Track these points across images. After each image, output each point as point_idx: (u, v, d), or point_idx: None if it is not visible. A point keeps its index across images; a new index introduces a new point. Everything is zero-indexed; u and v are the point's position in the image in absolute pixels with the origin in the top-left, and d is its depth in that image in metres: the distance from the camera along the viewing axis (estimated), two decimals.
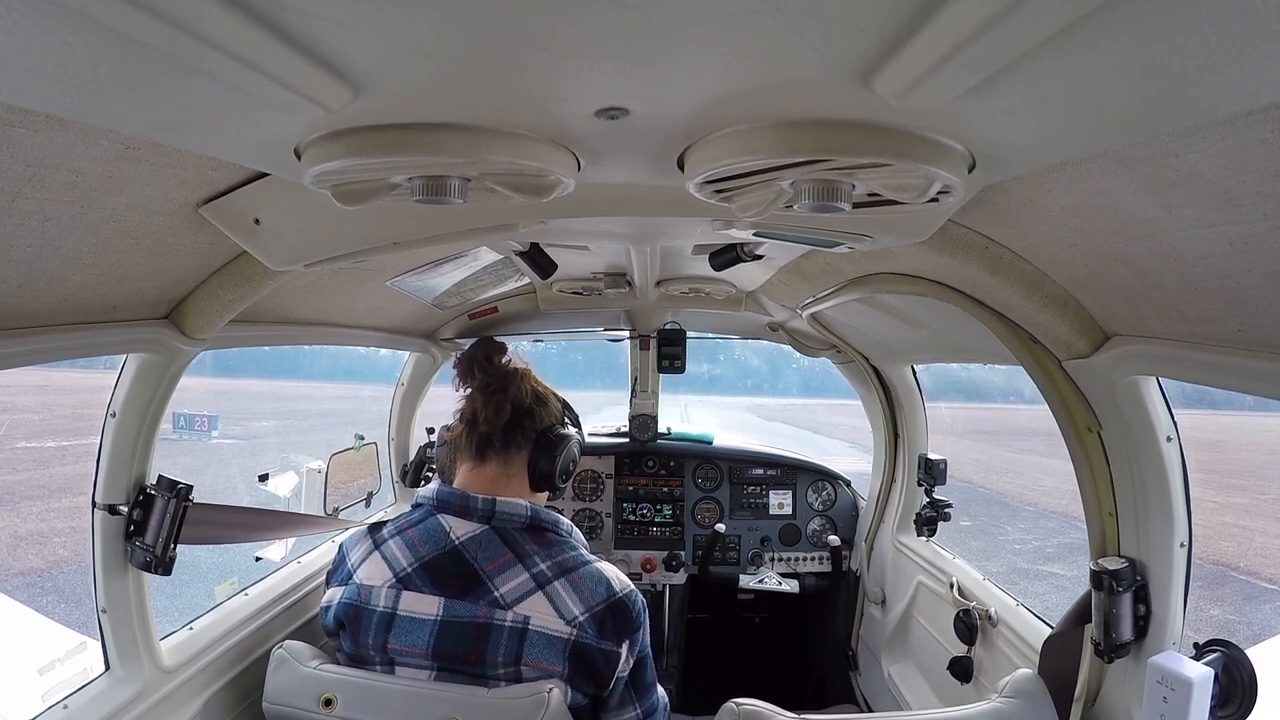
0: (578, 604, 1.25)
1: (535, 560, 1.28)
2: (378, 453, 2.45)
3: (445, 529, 1.32)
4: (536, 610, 1.23)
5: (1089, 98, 0.52)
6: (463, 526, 1.32)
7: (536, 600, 1.24)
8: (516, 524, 1.33)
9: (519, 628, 1.22)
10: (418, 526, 1.34)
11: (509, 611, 1.23)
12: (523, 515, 1.34)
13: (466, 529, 1.31)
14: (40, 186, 0.73)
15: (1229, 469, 16.73)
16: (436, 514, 1.34)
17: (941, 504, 2.24)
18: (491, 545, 1.30)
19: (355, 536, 1.42)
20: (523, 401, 1.44)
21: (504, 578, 1.26)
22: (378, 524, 1.41)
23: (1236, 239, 0.72)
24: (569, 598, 1.26)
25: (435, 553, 1.30)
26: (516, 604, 1.23)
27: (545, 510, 1.38)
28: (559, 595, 1.25)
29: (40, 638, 4.14)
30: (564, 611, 1.24)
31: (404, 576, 1.28)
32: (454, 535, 1.31)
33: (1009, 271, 1.08)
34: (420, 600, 1.26)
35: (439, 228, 1.03)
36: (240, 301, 1.16)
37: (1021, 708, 1.23)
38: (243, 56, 0.46)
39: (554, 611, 1.24)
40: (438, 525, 1.33)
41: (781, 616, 3.15)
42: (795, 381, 59.40)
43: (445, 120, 0.62)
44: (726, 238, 1.32)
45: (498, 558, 1.28)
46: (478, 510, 1.32)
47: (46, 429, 16.70)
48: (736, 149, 0.64)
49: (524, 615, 1.23)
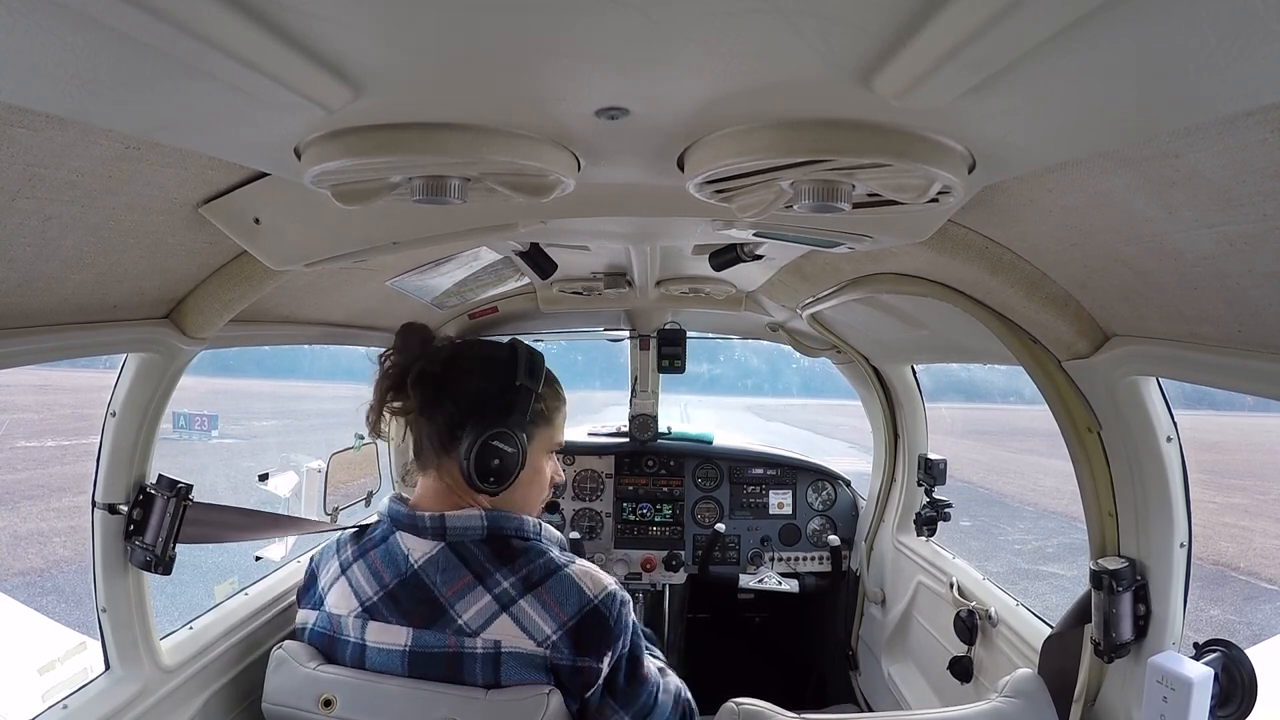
0: (548, 622, 1.16)
1: (497, 579, 1.18)
2: (378, 452, 2.45)
3: (404, 551, 1.23)
4: (505, 633, 1.15)
5: (1089, 98, 0.52)
6: (419, 547, 1.22)
7: (503, 623, 1.15)
8: (473, 537, 1.22)
9: (491, 653, 1.15)
10: (379, 548, 1.26)
11: (478, 639, 1.15)
12: (477, 528, 1.22)
13: (423, 549, 1.22)
14: (40, 186, 0.73)
15: (1229, 469, 16.72)
16: (395, 532, 1.25)
17: (941, 504, 2.25)
18: (450, 567, 1.20)
19: (325, 552, 1.36)
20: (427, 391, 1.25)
21: (465, 603, 1.17)
22: (349, 537, 1.33)
23: (1236, 239, 0.72)
24: (537, 616, 1.16)
25: (396, 579, 1.21)
26: (483, 630, 1.16)
27: (506, 516, 1.24)
28: (525, 615, 1.16)
29: (40, 637, 4.15)
30: (534, 632, 1.15)
31: (369, 606, 1.22)
32: (413, 558, 1.22)
33: (1009, 272, 1.08)
34: (387, 630, 1.20)
35: (439, 228, 1.03)
36: (240, 301, 1.16)
37: (1021, 708, 1.23)
38: (243, 56, 0.46)
39: (523, 633, 1.15)
40: (397, 547, 1.24)
41: (781, 616, 3.15)
42: (795, 381, 59.43)
43: (445, 120, 0.62)
44: (726, 238, 1.32)
45: (456, 580, 1.19)
46: (427, 529, 1.22)
47: (46, 428, 16.70)
48: (736, 149, 0.64)
49: (494, 640, 1.15)
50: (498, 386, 1.27)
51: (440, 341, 1.33)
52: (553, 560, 1.22)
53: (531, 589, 1.18)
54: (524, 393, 1.27)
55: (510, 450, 1.23)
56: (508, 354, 1.29)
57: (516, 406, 1.26)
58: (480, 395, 1.26)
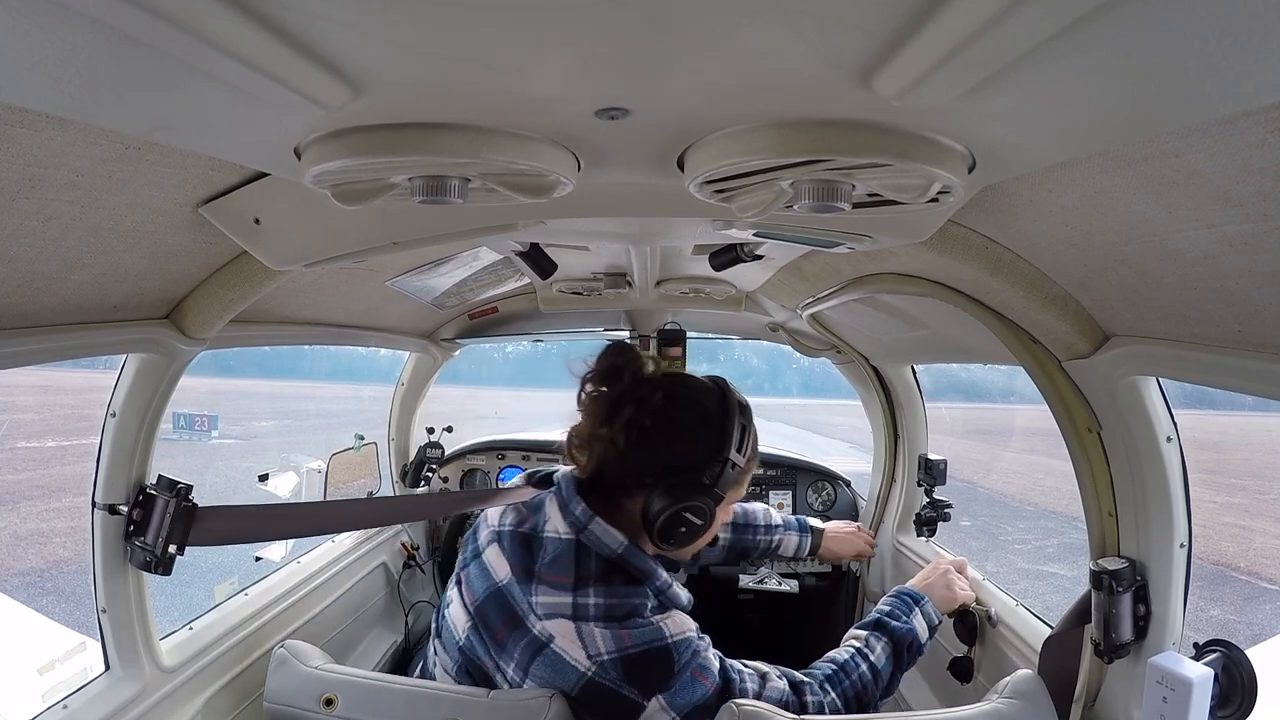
0: (610, 644, 1.13)
1: (589, 593, 1.17)
2: (378, 453, 2.45)
3: (545, 518, 1.25)
4: (561, 633, 1.15)
5: (1089, 98, 0.52)
6: (557, 523, 1.23)
7: (563, 625, 1.15)
8: (603, 553, 1.20)
9: (540, 640, 1.15)
10: (532, 503, 1.30)
11: (540, 621, 1.16)
12: (611, 549, 1.20)
13: (559, 527, 1.22)
14: (40, 186, 0.73)
15: (1229, 469, 16.72)
16: (549, 497, 1.27)
17: (941, 504, 2.24)
18: (562, 559, 1.20)
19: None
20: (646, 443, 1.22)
21: (547, 589, 1.18)
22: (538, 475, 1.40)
23: (1236, 239, 0.72)
24: (600, 639, 1.14)
25: (524, 530, 1.26)
26: (547, 619, 1.16)
27: (646, 561, 1.21)
28: (590, 634, 1.14)
29: (40, 638, 4.14)
30: (589, 647, 1.13)
31: (499, 530, 1.29)
32: (546, 528, 1.23)
33: (1009, 272, 1.08)
34: (497, 557, 1.26)
35: (439, 228, 1.03)
36: (240, 301, 1.16)
37: (1021, 708, 1.23)
38: (243, 56, 0.46)
39: (579, 642, 1.14)
40: (543, 512, 1.26)
41: (781, 617, 3.15)
42: (795, 381, 59.42)
43: (445, 120, 0.62)
44: (726, 238, 1.32)
45: (558, 573, 1.19)
46: (574, 515, 1.22)
47: (46, 429, 16.69)
48: (736, 149, 0.64)
49: (549, 633, 1.15)
50: (706, 457, 1.23)
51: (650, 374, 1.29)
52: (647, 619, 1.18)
53: (611, 621, 1.16)
54: (730, 466, 1.23)
55: (699, 523, 1.22)
56: (723, 421, 1.25)
57: (720, 481, 1.22)
58: (686, 463, 1.23)
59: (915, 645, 1.39)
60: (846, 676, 1.29)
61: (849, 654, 1.34)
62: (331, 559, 1.98)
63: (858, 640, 1.37)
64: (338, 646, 1.87)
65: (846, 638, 1.40)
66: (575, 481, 1.28)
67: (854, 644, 1.36)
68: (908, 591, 1.51)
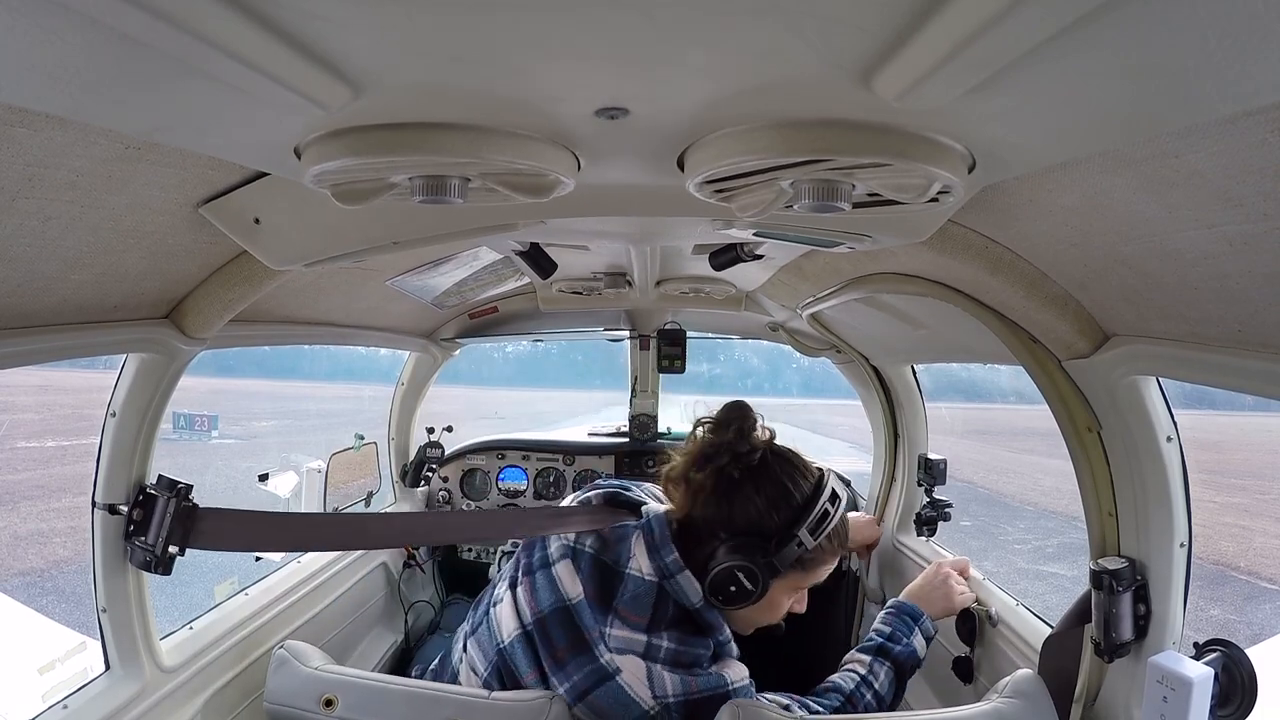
0: (677, 688, 1.16)
1: (662, 638, 1.20)
2: (378, 453, 2.45)
3: (630, 554, 1.25)
4: (629, 668, 1.17)
5: (1089, 98, 0.52)
6: (643, 564, 1.24)
7: (634, 661, 1.17)
8: (681, 600, 1.23)
9: (608, 671, 1.16)
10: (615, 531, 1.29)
11: (610, 654, 1.17)
12: (690, 602, 1.23)
13: (643, 568, 1.23)
14: (40, 186, 0.73)
15: (1229, 469, 16.72)
16: (635, 533, 1.27)
17: (942, 504, 2.24)
18: (642, 599, 1.21)
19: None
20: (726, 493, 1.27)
21: (622, 625, 1.20)
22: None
23: (1236, 239, 0.72)
24: (669, 683, 1.16)
25: (604, 559, 1.26)
26: (618, 653, 1.18)
27: (714, 615, 1.25)
28: (659, 676, 1.17)
29: (40, 637, 4.14)
30: (656, 688, 1.16)
31: (575, 548, 1.28)
32: (631, 567, 1.24)
33: (1009, 271, 1.08)
34: (569, 574, 1.24)
35: (439, 228, 1.03)
36: (240, 301, 1.16)
37: (1021, 708, 1.23)
38: (242, 56, 0.46)
39: (646, 682, 1.16)
40: (627, 545, 1.26)
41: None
42: (795, 381, 59.41)
43: (445, 120, 0.62)
44: (726, 238, 1.32)
45: (636, 612, 1.21)
46: (663, 561, 1.23)
47: (46, 429, 16.69)
48: (736, 149, 0.64)
49: (618, 666, 1.16)
50: (776, 522, 1.25)
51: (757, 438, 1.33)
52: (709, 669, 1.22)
53: (679, 668, 1.19)
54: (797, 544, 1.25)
55: (749, 588, 1.22)
56: (808, 499, 1.27)
57: (780, 551, 1.24)
58: (754, 522, 1.25)
59: (916, 664, 1.44)
60: (854, 708, 1.34)
61: (854, 683, 1.37)
62: (331, 559, 1.97)
63: (861, 666, 1.40)
64: (338, 646, 1.87)
65: (849, 660, 1.42)
66: (667, 524, 1.28)
67: (858, 670, 1.39)
68: (907, 608, 1.52)
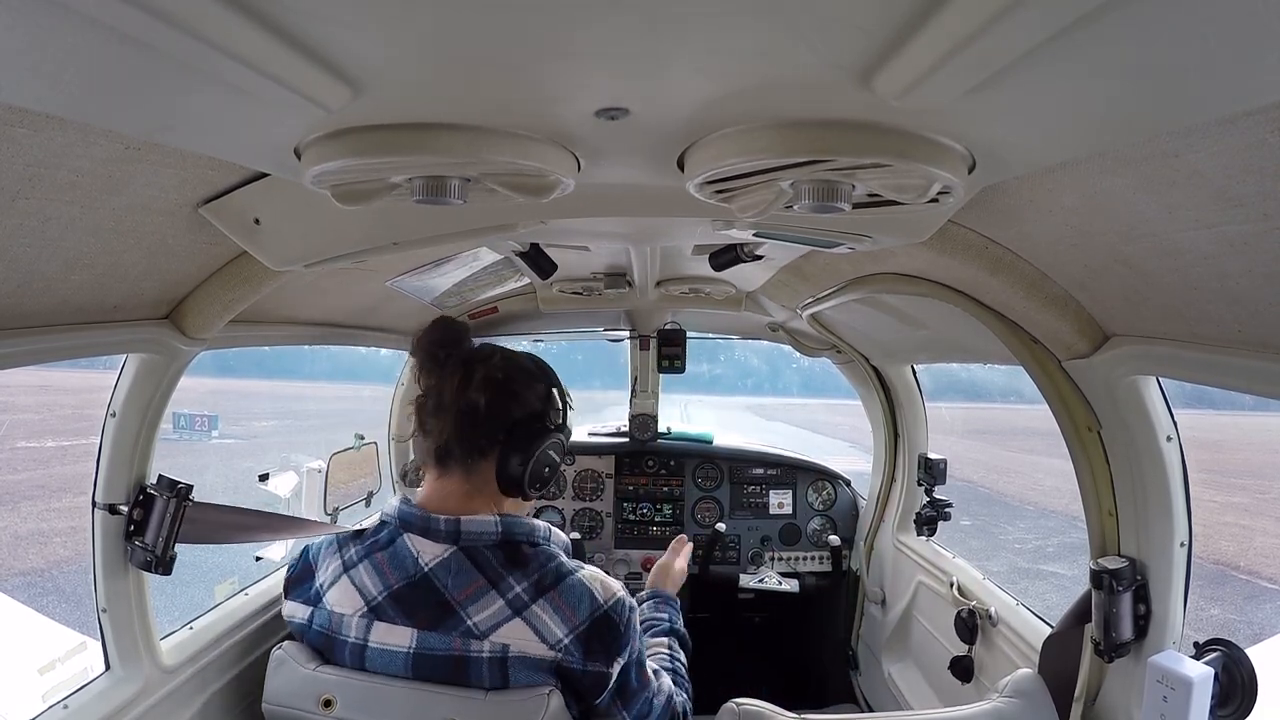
0: (560, 625, 1.17)
1: (510, 583, 1.19)
2: (378, 452, 2.45)
3: (413, 553, 1.22)
4: (515, 636, 1.16)
5: (1089, 98, 0.52)
6: (430, 550, 1.22)
7: (514, 626, 1.17)
8: (486, 542, 1.23)
9: (498, 656, 1.16)
10: (386, 550, 1.25)
11: (485, 641, 1.16)
12: (491, 533, 1.23)
13: (434, 553, 1.22)
14: (40, 186, 0.73)
15: (1229, 469, 16.72)
16: (402, 534, 1.25)
17: (941, 503, 2.24)
18: (462, 571, 1.20)
19: (324, 547, 1.33)
20: (481, 397, 1.25)
21: (477, 606, 1.18)
22: (349, 537, 1.32)
23: (1236, 239, 0.72)
24: (549, 619, 1.17)
25: (404, 581, 1.21)
26: (492, 632, 1.16)
27: (518, 522, 1.26)
28: (538, 618, 1.17)
29: (40, 638, 4.14)
30: (546, 635, 1.17)
31: (375, 606, 1.21)
32: (422, 561, 1.21)
33: (1009, 272, 1.08)
34: (392, 631, 1.20)
35: (439, 228, 1.03)
36: (240, 301, 1.16)
37: (1021, 707, 1.23)
38: (243, 56, 0.46)
39: (535, 636, 1.16)
40: (405, 549, 1.23)
41: (781, 616, 3.15)
42: (795, 381, 59.40)
43: (445, 120, 0.62)
44: (726, 238, 1.32)
45: (469, 585, 1.19)
46: (441, 532, 1.22)
47: (46, 429, 16.70)
48: (736, 149, 0.64)
49: (502, 644, 1.16)
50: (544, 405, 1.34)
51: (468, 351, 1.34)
52: (563, 565, 1.23)
53: (543, 593, 1.19)
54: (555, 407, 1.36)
55: (558, 460, 1.33)
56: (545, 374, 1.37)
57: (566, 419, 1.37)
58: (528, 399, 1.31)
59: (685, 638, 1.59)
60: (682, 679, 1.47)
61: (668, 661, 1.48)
62: None
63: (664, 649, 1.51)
64: None
65: (654, 645, 1.51)
66: (408, 502, 1.28)
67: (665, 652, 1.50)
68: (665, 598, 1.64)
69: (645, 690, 1.29)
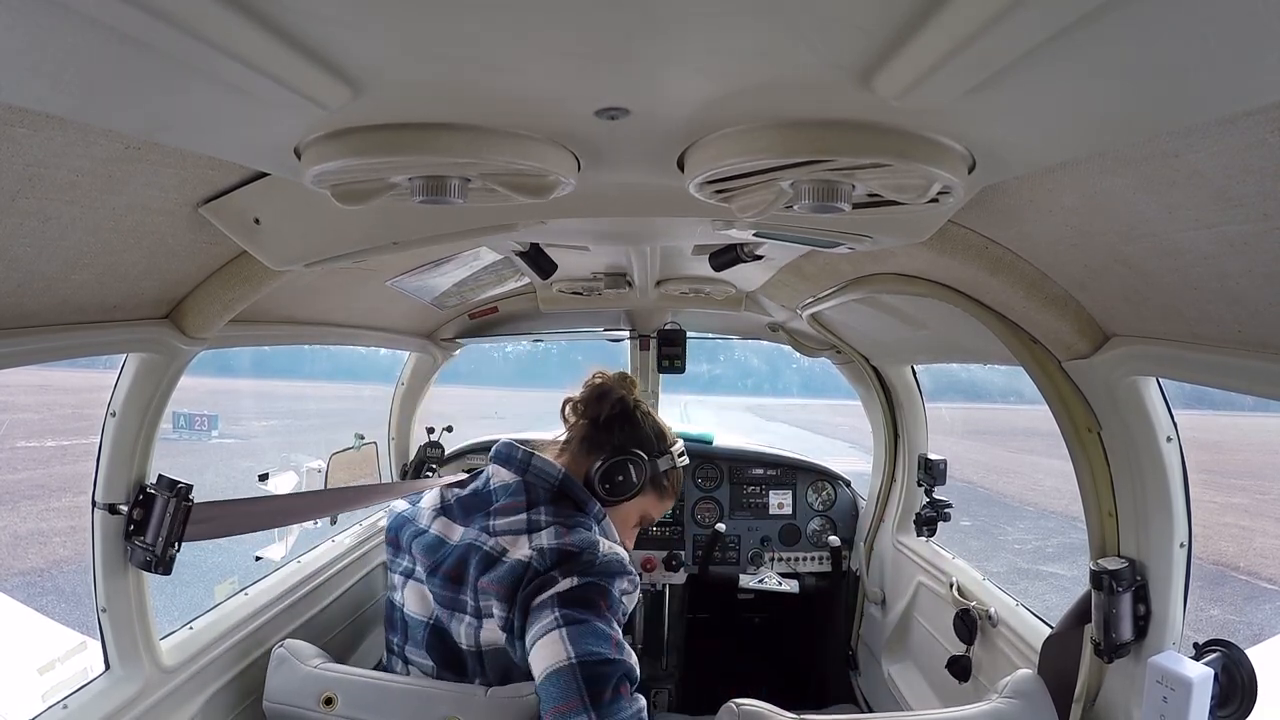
0: (552, 541, 1.30)
1: (541, 513, 1.36)
2: (378, 452, 2.45)
3: (488, 477, 1.47)
4: (515, 546, 1.31)
5: (1089, 98, 0.52)
6: (502, 475, 1.45)
7: (519, 540, 1.32)
8: (546, 483, 1.42)
9: (494, 554, 1.31)
10: (479, 478, 1.50)
11: (492, 538, 1.33)
12: (554, 476, 1.42)
13: (504, 477, 1.44)
14: (40, 186, 0.73)
15: (1229, 469, 16.71)
16: (490, 464, 1.48)
17: (941, 504, 2.24)
18: (515, 492, 1.40)
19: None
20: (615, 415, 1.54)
21: (503, 513, 1.37)
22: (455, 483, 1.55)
23: (1236, 239, 0.72)
24: (547, 540, 1.31)
25: (471, 493, 1.46)
26: (501, 535, 1.34)
27: (580, 486, 1.45)
28: (539, 538, 1.31)
29: (40, 637, 4.14)
30: (535, 543, 1.30)
31: (444, 507, 1.47)
32: (493, 482, 1.44)
33: (1009, 272, 1.08)
34: (449, 527, 1.43)
35: (439, 228, 1.03)
36: (240, 301, 1.16)
37: (1021, 708, 1.23)
38: (243, 56, 0.46)
39: (527, 544, 1.31)
40: (484, 476, 1.48)
41: (781, 616, 3.15)
42: (795, 381, 59.40)
43: (445, 120, 0.62)
44: (726, 238, 1.32)
45: (512, 502, 1.39)
46: (516, 461, 1.44)
47: (46, 429, 16.69)
48: (736, 149, 0.64)
49: (503, 546, 1.32)
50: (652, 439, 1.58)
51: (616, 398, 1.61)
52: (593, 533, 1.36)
53: (558, 527, 1.33)
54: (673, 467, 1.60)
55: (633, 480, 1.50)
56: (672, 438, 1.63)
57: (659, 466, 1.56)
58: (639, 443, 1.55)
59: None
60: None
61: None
62: (331, 559, 1.98)
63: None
64: (337, 646, 1.87)
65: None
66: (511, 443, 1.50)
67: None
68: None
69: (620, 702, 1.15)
